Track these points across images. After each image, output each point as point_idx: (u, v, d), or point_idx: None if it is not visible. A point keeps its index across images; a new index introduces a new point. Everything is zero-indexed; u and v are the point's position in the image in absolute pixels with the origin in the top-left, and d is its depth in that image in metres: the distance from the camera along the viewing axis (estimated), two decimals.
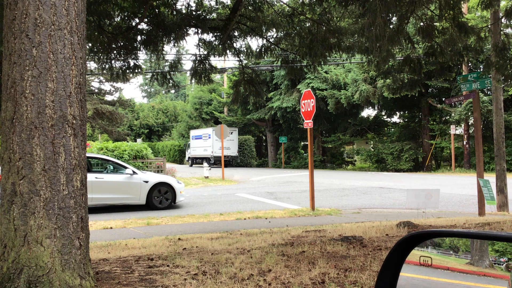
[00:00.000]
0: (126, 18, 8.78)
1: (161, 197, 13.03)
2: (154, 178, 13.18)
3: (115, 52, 9.00)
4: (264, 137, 47.84)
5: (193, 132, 42.71)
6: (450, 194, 15.36)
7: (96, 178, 12.33)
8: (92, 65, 13.09)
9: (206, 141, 39.28)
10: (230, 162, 38.41)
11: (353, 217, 10.85)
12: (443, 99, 29.72)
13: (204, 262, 5.00)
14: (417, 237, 1.46)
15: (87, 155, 13.95)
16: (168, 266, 4.79)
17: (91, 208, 12.38)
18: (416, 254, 1.48)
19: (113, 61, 9.15)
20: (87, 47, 8.30)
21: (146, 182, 12.86)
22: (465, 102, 26.26)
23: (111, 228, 9.58)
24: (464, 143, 29.07)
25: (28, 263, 3.49)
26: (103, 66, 9.14)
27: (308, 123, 12.38)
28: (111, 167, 13.50)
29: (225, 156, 34.78)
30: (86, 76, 4.05)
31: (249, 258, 5.22)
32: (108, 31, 8.50)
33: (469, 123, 28.24)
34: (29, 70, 3.60)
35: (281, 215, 11.32)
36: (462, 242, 1.60)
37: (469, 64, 26.77)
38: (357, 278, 4.14)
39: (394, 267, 1.49)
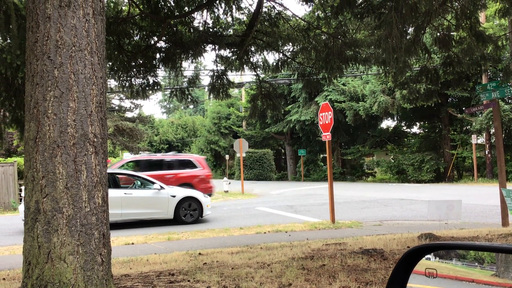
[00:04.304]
0: (145, 37, 8.93)
1: (188, 211, 13.21)
2: (181, 192, 13.38)
3: (134, 70, 9.15)
4: (283, 151, 47.79)
5: None
6: (472, 204, 15.12)
7: (125, 194, 12.62)
8: (112, 83, 13.27)
9: None
10: None
11: (374, 230, 10.76)
12: (463, 108, 29.38)
13: (225, 276, 5.02)
14: (423, 249, 1.48)
15: (116, 171, 14.33)
16: (189, 281, 4.82)
17: (120, 223, 12.73)
18: (422, 264, 1.50)
19: (132, 79, 9.29)
20: (107, 66, 8.46)
21: (174, 196, 13.06)
22: (485, 111, 25.91)
23: (132, 244, 9.66)
24: (486, 153, 28.62)
25: (52, 280, 3.55)
26: (123, 84, 9.29)
27: (326, 136, 12.37)
28: (139, 183, 13.74)
29: None
30: (107, 94, 4.14)
31: (269, 272, 5.22)
32: (128, 50, 8.66)
33: (491, 132, 27.80)
34: (51, 91, 3.70)
35: (301, 229, 11.28)
36: (470, 253, 1.60)
37: (488, 73, 26.44)
38: None
39: (402, 278, 1.50)
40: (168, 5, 8.41)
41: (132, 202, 12.62)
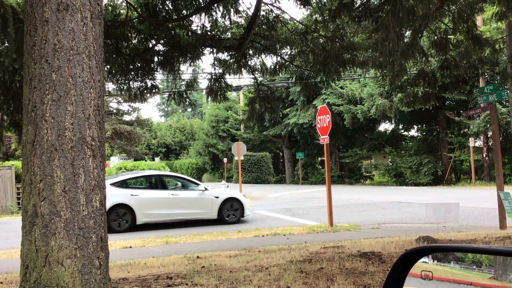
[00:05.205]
0: (143, 40, 8.94)
1: (231, 212, 13.65)
2: (223, 193, 13.87)
3: (132, 73, 9.15)
4: (281, 154, 47.79)
5: None
6: (470, 207, 15.14)
7: (172, 195, 13.17)
8: (110, 86, 13.28)
9: None
10: None
11: (372, 233, 10.76)
12: (461, 111, 29.44)
13: (223, 280, 5.01)
14: (419, 252, 1.48)
15: (164, 173, 14.76)
16: (186, 284, 4.81)
17: (167, 223, 13.20)
18: (418, 267, 1.50)
19: (131, 82, 9.29)
20: (106, 69, 8.46)
21: (217, 197, 13.55)
22: (483, 114, 25.97)
23: (130, 247, 9.64)
24: (484, 156, 28.66)
25: (50, 283, 3.54)
26: (121, 87, 9.28)
27: (324, 139, 12.38)
28: (185, 184, 14.13)
29: None
30: (105, 97, 4.14)
31: (267, 275, 5.22)
32: (126, 53, 8.67)
33: (488, 135, 27.85)
34: (49, 94, 3.70)
35: (299, 232, 11.28)
36: (468, 256, 1.61)
37: (486, 76, 26.50)
38: None
39: (398, 281, 1.51)
40: (166, 8, 8.42)
41: (179, 203, 13.13)
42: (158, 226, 13.14)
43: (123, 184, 12.92)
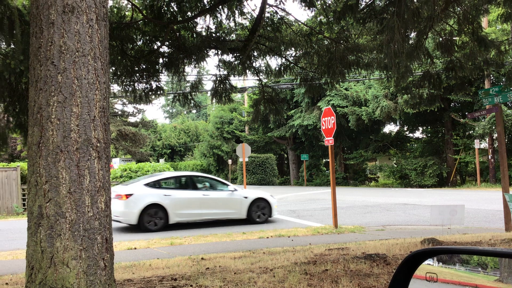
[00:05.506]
0: (148, 41, 8.96)
1: (260, 212, 13.95)
2: (252, 194, 14.18)
3: (137, 75, 9.17)
4: (285, 155, 47.78)
5: None
6: (476, 209, 15.08)
7: (203, 195, 13.50)
8: (115, 87, 13.37)
9: None
10: None
11: (377, 235, 10.73)
12: (466, 113, 29.33)
13: (227, 281, 5.01)
14: (424, 254, 1.48)
15: (195, 174, 14.98)
16: (191, 286, 4.82)
17: (198, 223, 13.55)
18: (423, 269, 1.50)
19: (136, 84, 9.32)
20: (111, 71, 8.49)
21: (246, 198, 13.86)
22: (488, 116, 25.87)
23: (135, 248, 9.66)
24: (489, 158, 28.55)
25: (55, 285, 3.55)
26: (126, 89, 9.31)
27: (329, 140, 12.37)
28: (214, 185, 14.33)
29: None
30: (110, 98, 4.15)
31: (272, 277, 5.22)
32: (131, 54, 8.69)
33: (494, 137, 27.75)
34: (54, 96, 3.71)
35: (304, 233, 11.27)
36: (473, 258, 1.60)
37: (491, 78, 26.41)
38: None
39: (402, 283, 1.50)
40: (171, 10, 8.44)
41: (209, 203, 13.45)
42: (187, 225, 13.40)
43: (155, 184, 13.22)
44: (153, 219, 12.59)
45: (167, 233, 11.98)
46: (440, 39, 8.76)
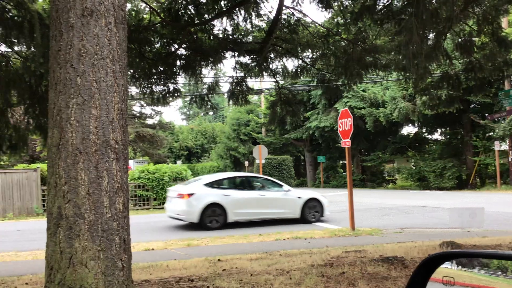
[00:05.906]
0: (166, 44, 9.02)
1: (312, 212, 14.32)
2: (305, 194, 14.69)
3: (155, 77, 9.24)
4: (302, 157, 47.63)
5: None
6: (496, 212, 14.86)
7: (259, 195, 13.94)
8: (133, 90, 13.48)
9: None
10: None
11: (395, 237, 10.64)
12: (486, 114, 28.93)
13: (244, 283, 5.02)
14: (441, 257, 1.47)
15: (252, 175, 15.54)
16: (208, 287, 4.83)
17: (255, 222, 13.75)
18: (440, 272, 1.48)
19: (153, 86, 9.39)
20: (129, 73, 8.56)
21: (300, 198, 14.25)
22: (508, 117, 25.49)
23: (152, 249, 9.72)
24: (510, 160, 28.09)
25: (74, 285, 3.59)
26: (144, 91, 9.39)
27: (346, 142, 12.30)
28: (269, 185, 14.68)
29: None
30: (128, 101, 4.19)
31: (288, 279, 5.21)
32: (149, 57, 8.76)
33: None
34: (73, 98, 3.76)
35: (320, 236, 11.22)
36: (493, 262, 1.58)
37: (511, 79, 26.01)
38: None
39: (419, 285, 1.49)
40: (189, 13, 8.48)
41: (265, 203, 13.85)
42: (243, 224, 13.63)
43: (214, 184, 13.73)
44: (213, 217, 13.06)
45: (225, 232, 12.37)
46: (459, 39, 8.66)
